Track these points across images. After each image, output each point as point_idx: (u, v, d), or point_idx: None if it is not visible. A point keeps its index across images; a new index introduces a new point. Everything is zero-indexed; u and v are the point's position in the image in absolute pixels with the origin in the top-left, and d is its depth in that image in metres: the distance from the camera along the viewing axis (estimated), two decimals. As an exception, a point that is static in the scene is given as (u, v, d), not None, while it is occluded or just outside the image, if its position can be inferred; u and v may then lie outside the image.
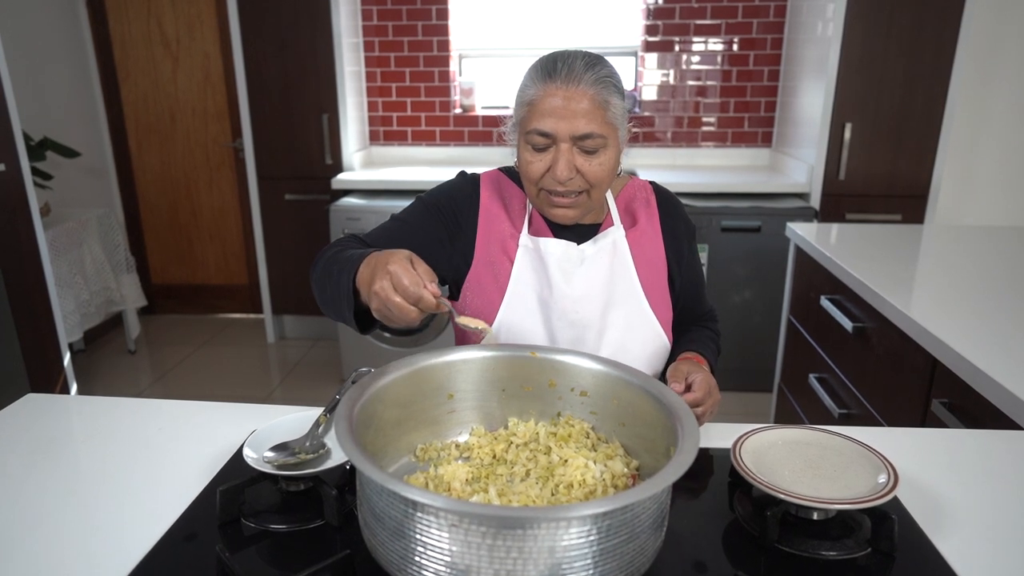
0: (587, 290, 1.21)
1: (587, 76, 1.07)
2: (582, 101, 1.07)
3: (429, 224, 1.25)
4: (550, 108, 1.08)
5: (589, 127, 1.07)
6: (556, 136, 1.09)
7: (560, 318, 1.21)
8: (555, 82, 1.07)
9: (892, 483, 0.87)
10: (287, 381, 3.44)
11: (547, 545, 0.65)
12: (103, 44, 3.88)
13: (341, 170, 3.55)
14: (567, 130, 1.08)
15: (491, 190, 1.27)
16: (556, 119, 1.08)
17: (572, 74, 1.07)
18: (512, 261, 1.22)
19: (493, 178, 1.29)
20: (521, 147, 1.15)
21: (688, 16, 3.60)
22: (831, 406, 1.95)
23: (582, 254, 1.21)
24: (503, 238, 1.23)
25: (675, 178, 3.28)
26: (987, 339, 1.41)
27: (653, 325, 1.23)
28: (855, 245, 2.12)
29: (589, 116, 1.07)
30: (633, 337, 1.22)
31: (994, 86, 3.14)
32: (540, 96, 1.09)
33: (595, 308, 1.21)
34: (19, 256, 2.36)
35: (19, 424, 1.16)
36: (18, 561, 0.83)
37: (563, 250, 1.20)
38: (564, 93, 1.07)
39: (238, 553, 0.85)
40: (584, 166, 1.10)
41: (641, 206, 1.27)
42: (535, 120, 1.09)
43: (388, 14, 3.72)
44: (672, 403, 0.86)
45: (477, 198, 1.26)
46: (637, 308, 1.23)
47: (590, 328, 1.21)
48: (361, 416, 0.83)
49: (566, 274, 1.20)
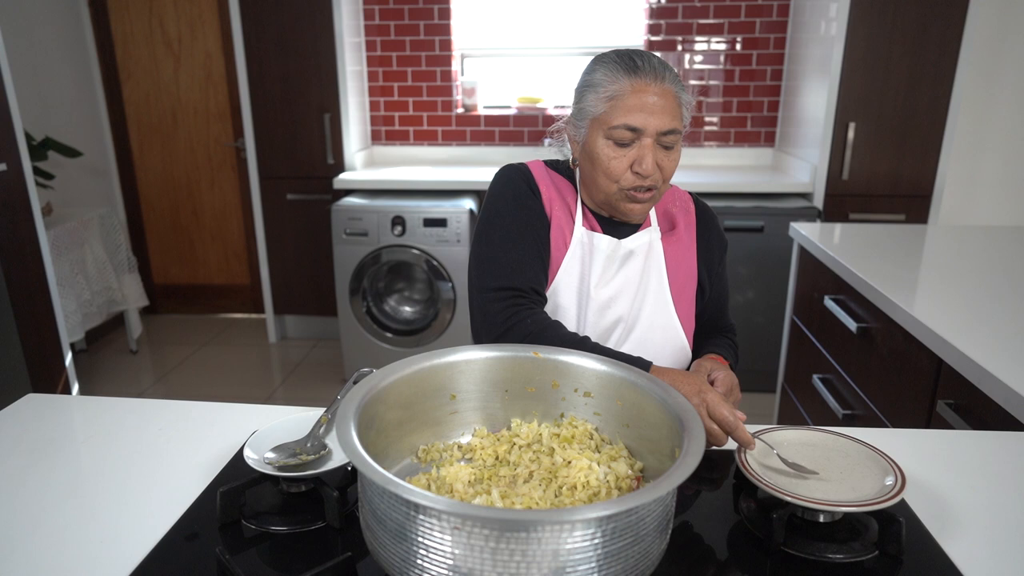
0: (623, 286, 1.23)
1: (667, 74, 1.09)
2: (668, 97, 1.08)
3: (532, 221, 1.19)
4: (640, 103, 1.08)
5: (674, 123, 1.09)
6: (645, 131, 1.09)
7: (596, 312, 1.22)
8: (642, 78, 1.08)
9: (899, 485, 0.86)
10: (288, 381, 3.44)
11: (551, 548, 0.64)
12: (105, 43, 3.88)
13: (343, 170, 3.54)
14: (656, 125, 1.08)
15: (546, 180, 1.25)
16: (647, 114, 1.08)
17: (656, 71, 1.08)
18: (567, 247, 1.22)
19: (543, 168, 1.27)
20: (599, 144, 1.13)
21: (690, 15, 3.59)
22: (835, 407, 1.94)
23: (627, 251, 1.22)
24: (562, 225, 1.23)
25: (678, 178, 3.25)
26: (992, 339, 1.40)
27: (676, 329, 1.25)
28: (859, 245, 2.11)
29: (673, 112, 1.09)
30: (655, 338, 1.24)
31: (998, 85, 3.13)
32: (627, 91, 1.08)
33: (626, 306, 1.23)
34: (21, 256, 2.36)
35: (20, 424, 1.16)
36: (18, 561, 0.82)
37: (611, 247, 1.22)
38: (654, 89, 1.08)
39: (238, 554, 0.84)
40: (663, 161, 1.12)
41: (681, 213, 1.29)
42: (623, 115, 1.09)
43: (390, 13, 3.72)
44: (677, 405, 0.85)
45: (535, 184, 1.23)
46: (664, 311, 1.24)
47: (620, 324, 1.23)
48: (363, 417, 0.82)
49: (607, 271, 1.22)
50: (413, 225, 3.13)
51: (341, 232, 3.18)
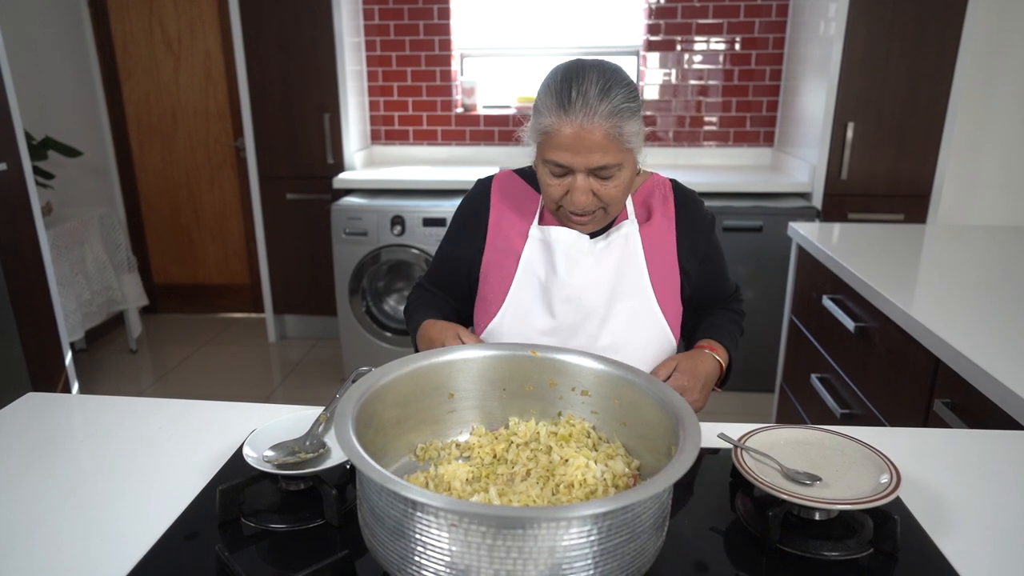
0: (594, 279, 1.23)
1: (602, 108, 1.05)
2: (595, 134, 1.06)
3: (457, 245, 1.35)
4: (566, 142, 1.08)
5: (604, 160, 1.08)
6: (574, 168, 1.11)
7: (564, 303, 1.24)
8: (571, 116, 1.06)
9: (894, 483, 0.86)
10: (288, 380, 3.44)
11: (547, 545, 0.65)
12: (105, 43, 3.88)
13: (343, 169, 3.55)
14: (583, 163, 1.09)
15: (502, 190, 1.32)
16: (572, 153, 1.09)
17: (587, 107, 1.05)
18: (519, 255, 1.26)
19: (505, 178, 1.34)
20: (540, 167, 1.16)
21: (690, 15, 3.59)
22: (833, 406, 1.95)
23: (592, 245, 1.24)
24: (511, 234, 1.28)
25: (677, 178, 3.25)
26: (990, 339, 1.40)
27: (659, 321, 1.25)
28: (857, 245, 2.12)
29: (604, 149, 1.08)
30: (636, 330, 1.25)
31: (997, 85, 3.13)
32: (556, 128, 1.08)
33: (600, 298, 1.24)
34: (21, 255, 2.36)
35: (20, 423, 1.16)
36: (18, 559, 0.83)
37: (573, 239, 1.23)
38: (579, 128, 1.06)
39: (238, 552, 0.84)
40: (600, 190, 1.13)
41: (658, 202, 1.29)
42: (551, 152, 1.11)
43: (390, 13, 3.72)
44: (674, 403, 0.86)
45: (488, 199, 1.31)
46: (645, 303, 1.25)
47: (592, 316, 1.24)
48: (361, 415, 0.83)
49: (572, 262, 1.23)
50: (413, 225, 3.14)
51: (341, 232, 3.19)
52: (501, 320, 1.27)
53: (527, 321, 1.26)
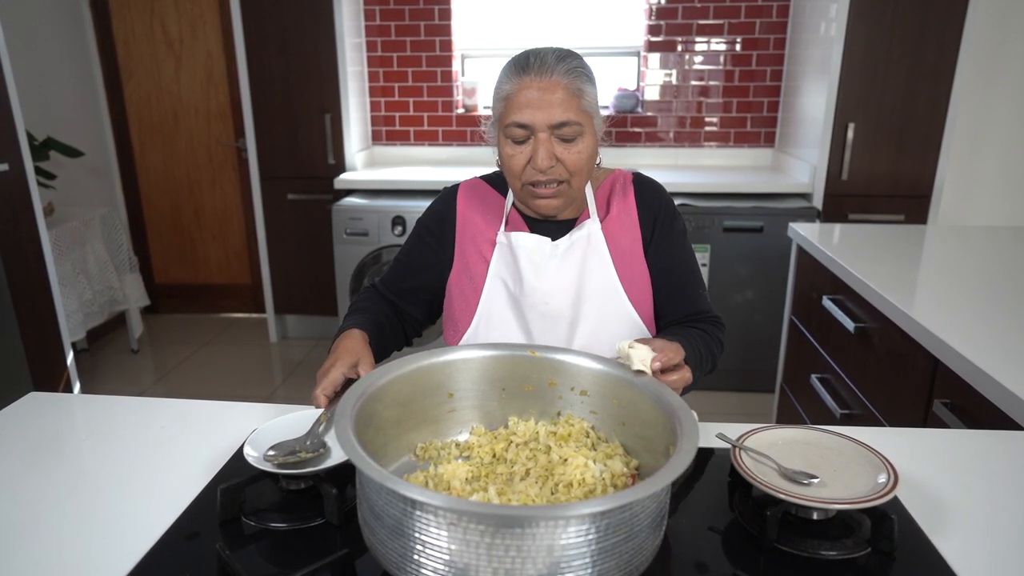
0: (559, 283, 1.23)
1: (559, 67, 1.10)
2: (556, 91, 1.10)
3: (420, 252, 1.33)
4: (526, 100, 1.11)
5: (565, 115, 1.10)
6: (534, 126, 1.11)
7: (531, 309, 1.23)
8: (529, 75, 1.11)
9: (892, 483, 0.87)
10: (289, 381, 3.45)
11: (546, 544, 0.65)
12: (106, 44, 3.89)
13: (344, 170, 3.55)
14: (544, 119, 1.10)
15: (468, 197, 1.32)
16: (533, 109, 1.10)
17: (544, 66, 1.10)
18: (488, 261, 1.26)
19: (471, 185, 1.34)
20: (501, 142, 1.17)
21: (691, 16, 3.59)
22: (833, 406, 1.95)
23: (554, 248, 1.23)
24: (479, 241, 1.28)
25: (677, 178, 3.28)
26: (989, 340, 1.40)
27: (631, 317, 1.23)
28: (857, 245, 2.12)
29: (564, 105, 1.10)
30: (608, 329, 1.22)
31: (997, 86, 3.14)
32: (516, 90, 1.11)
33: (567, 301, 1.23)
34: (22, 255, 2.37)
35: (22, 423, 1.17)
36: (20, 559, 0.83)
37: (534, 244, 1.23)
38: (539, 84, 1.10)
39: (238, 551, 0.85)
40: (563, 154, 1.13)
41: (618, 196, 1.27)
42: (513, 113, 1.12)
43: (391, 14, 3.72)
44: (672, 403, 0.86)
45: (454, 206, 1.31)
46: (614, 300, 1.23)
47: (561, 320, 1.23)
48: (361, 415, 0.83)
49: (537, 267, 1.23)
50: (413, 225, 3.13)
51: (342, 232, 3.19)
52: (475, 331, 1.25)
53: (500, 330, 1.24)
